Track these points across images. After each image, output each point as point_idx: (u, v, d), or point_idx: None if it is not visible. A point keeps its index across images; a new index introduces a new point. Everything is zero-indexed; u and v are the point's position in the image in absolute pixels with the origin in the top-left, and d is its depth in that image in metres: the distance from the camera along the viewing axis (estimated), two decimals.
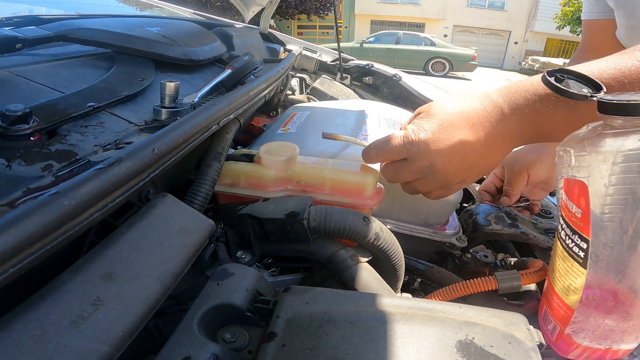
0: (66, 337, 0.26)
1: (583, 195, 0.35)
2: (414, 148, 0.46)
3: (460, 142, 0.45)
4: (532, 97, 0.43)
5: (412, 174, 0.49)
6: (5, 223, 0.25)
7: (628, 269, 0.35)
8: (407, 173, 0.49)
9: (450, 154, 0.45)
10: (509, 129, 0.45)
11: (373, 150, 0.51)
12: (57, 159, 0.39)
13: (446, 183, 0.48)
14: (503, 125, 0.45)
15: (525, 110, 0.44)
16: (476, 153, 0.46)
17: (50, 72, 0.55)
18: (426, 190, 0.51)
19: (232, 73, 0.76)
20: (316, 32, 18.96)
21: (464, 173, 0.48)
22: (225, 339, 0.34)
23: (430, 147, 0.46)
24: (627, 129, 0.33)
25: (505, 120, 0.45)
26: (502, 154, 0.48)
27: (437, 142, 0.45)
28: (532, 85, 0.44)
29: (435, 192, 0.51)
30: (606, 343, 0.39)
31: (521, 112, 0.44)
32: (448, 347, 0.33)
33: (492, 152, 0.47)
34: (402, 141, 0.47)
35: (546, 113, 0.43)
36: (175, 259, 0.36)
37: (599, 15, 0.77)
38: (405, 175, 0.49)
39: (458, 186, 0.50)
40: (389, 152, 0.49)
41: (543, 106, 0.43)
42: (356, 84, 1.62)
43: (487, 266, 0.60)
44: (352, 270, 0.48)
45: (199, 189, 0.48)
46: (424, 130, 0.46)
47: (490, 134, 0.46)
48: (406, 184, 0.52)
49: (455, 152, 0.45)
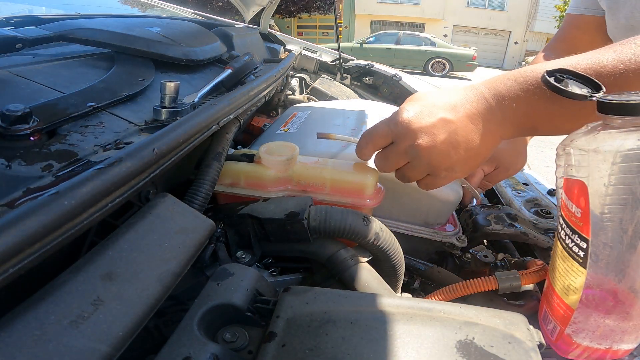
0: (66, 337, 0.26)
1: (583, 195, 0.35)
2: (398, 128, 0.47)
3: (441, 120, 0.46)
4: (515, 86, 0.45)
5: (398, 156, 0.49)
6: (5, 223, 0.25)
7: (628, 269, 0.35)
8: (394, 157, 0.49)
9: (432, 132, 0.46)
10: (492, 114, 0.46)
11: (363, 140, 0.51)
12: (57, 159, 0.39)
13: (432, 168, 0.48)
14: (486, 111, 0.46)
15: (507, 97, 0.45)
16: (459, 134, 0.46)
17: (50, 72, 0.55)
18: (415, 176, 0.51)
19: (232, 73, 0.76)
20: (316, 32, 18.97)
21: (450, 158, 0.47)
22: (225, 339, 0.35)
23: (413, 125, 0.46)
24: (627, 129, 0.33)
25: (488, 107, 0.46)
26: (490, 142, 0.48)
27: (419, 120, 0.46)
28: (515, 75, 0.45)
29: (425, 180, 0.51)
30: (606, 343, 0.39)
31: (503, 99, 0.45)
32: (448, 347, 0.33)
33: (474, 133, 0.47)
34: (388, 123, 0.49)
35: (530, 102, 0.44)
36: (175, 259, 0.36)
37: (585, 11, 0.81)
38: (393, 159, 0.50)
39: (446, 174, 0.49)
40: (377, 136, 0.50)
41: (527, 95, 0.44)
42: (356, 84, 1.62)
43: (487, 266, 0.60)
44: (352, 270, 0.48)
45: (199, 189, 0.48)
46: (406, 111, 0.48)
47: (473, 115, 0.46)
48: (397, 171, 0.52)
49: (436, 129, 0.46)
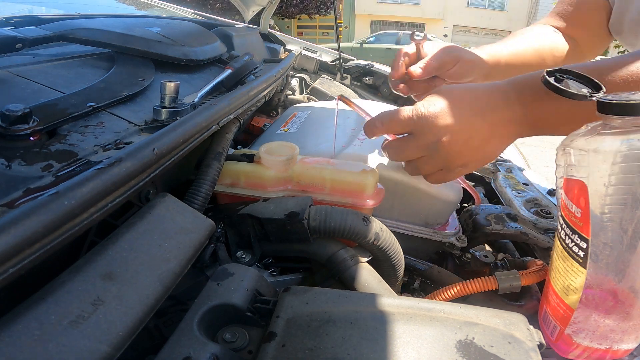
0: (66, 337, 0.26)
1: (583, 195, 0.35)
2: (422, 121, 0.46)
3: (468, 121, 0.46)
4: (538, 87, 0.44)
5: (417, 150, 0.48)
6: (5, 223, 0.25)
7: (628, 269, 0.35)
8: (412, 149, 0.49)
9: (457, 131, 0.46)
10: (517, 121, 0.46)
11: (379, 120, 0.50)
12: (57, 159, 0.39)
13: (448, 164, 0.48)
14: (512, 117, 0.46)
15: (529, 98, 0.45)
16: (482, 135, 0.46)
17: (50, 72, 0.55)
18: (428, 170, 0.50)
19: (232, 73, 0.76)
20: (316, 32, 18.95)
21: (467, 156, 0.48)
22: (225, 339, 0.34)
23: (439, 121, 0.46)
24: (627, 129, 0.33)
25: (511, 105, 0.46)
26: (506, 141, 0.48)
27: (446, 118, 0.46)
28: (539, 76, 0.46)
29: (436, 175, 0.51)
30: (606, 343, 0.39)
31: (526, 100, 0.45)
32: (448, 347, 0.33)
33: (496, 138, 0.48)
34: (412, 113, 0.47)
35: (551, 104, 0.44)
36: (175, 259, 0.36)
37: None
38: (410, 151, 0.49)
39: (459, 170, 0.49)
40: (397, 123, 0.48)
41: (550, 98, 0.43)
42: (356, 84, 1.62)
43: (487, 266, 0.60)
44: (352, 270, 0.48)
45: (199, 189, 0.48)
46: (434, 105, 0.46)
47: (499, 122, 0.46)
48: (408, 163, 0.51)
49: (462, 130, 0.46)
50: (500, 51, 0.71)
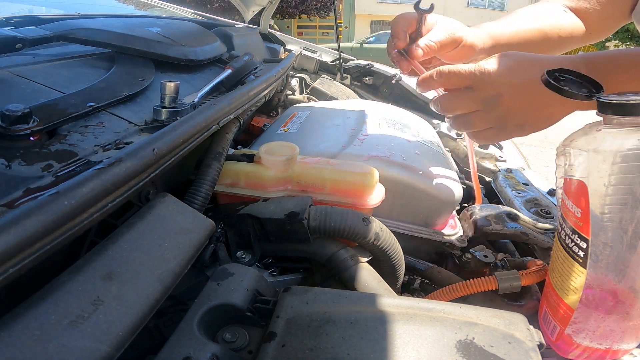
0: (66, 337, 0.26)
1: (583, 195, 0.35)
2: (484, 76, 0.46)
3: (531, 82, 0.44)
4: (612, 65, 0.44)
5: (473, 102, 0.47)
6: (5, 223, 0.25)
7: (628, 269, 0.35)
8: (468, 101, 0.48)
9: (520, 90, 0.45)
10: None
11: (437, 72, 0.49)
12: (57, 159, 0.39)
13: (503, 122, 0.47)
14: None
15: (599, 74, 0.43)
16: (546, 98, 0.45)
17: (50, 72, 0.55)
18: (479, 126, 0.49)
19: (232, 73, 0.76)
20: (316, 32, 18.95)
21: (525, 116, 0.47)
22: (225, 339, 0.35)
23: (503, 77, 0.45)
24: (627, 129, 0.33)
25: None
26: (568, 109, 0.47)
27: (511, 75, 0.45)
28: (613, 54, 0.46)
29: (486, 132, 0.49)
30: (606, 343, 0.39)
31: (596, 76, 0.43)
32: (448, 347, 0.33)
33: (558, 107, 0.46)
34: (474, 69, 0.46)
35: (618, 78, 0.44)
36: (175, 259, 0.36)
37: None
38: (465, 102, 0.48)
39: (513, 130, 0.48)
40: (456, 76, 0.48)
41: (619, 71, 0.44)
42: (356, 84, 1.62)
43: (487, 266, 0.60)
44: (352, 270, 0.48)
45: (199, 189, 0.48)
46: (498, 64, 0.46)
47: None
48: (459, 117, 0.50)
49: (526, 90, 0.45)
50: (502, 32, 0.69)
